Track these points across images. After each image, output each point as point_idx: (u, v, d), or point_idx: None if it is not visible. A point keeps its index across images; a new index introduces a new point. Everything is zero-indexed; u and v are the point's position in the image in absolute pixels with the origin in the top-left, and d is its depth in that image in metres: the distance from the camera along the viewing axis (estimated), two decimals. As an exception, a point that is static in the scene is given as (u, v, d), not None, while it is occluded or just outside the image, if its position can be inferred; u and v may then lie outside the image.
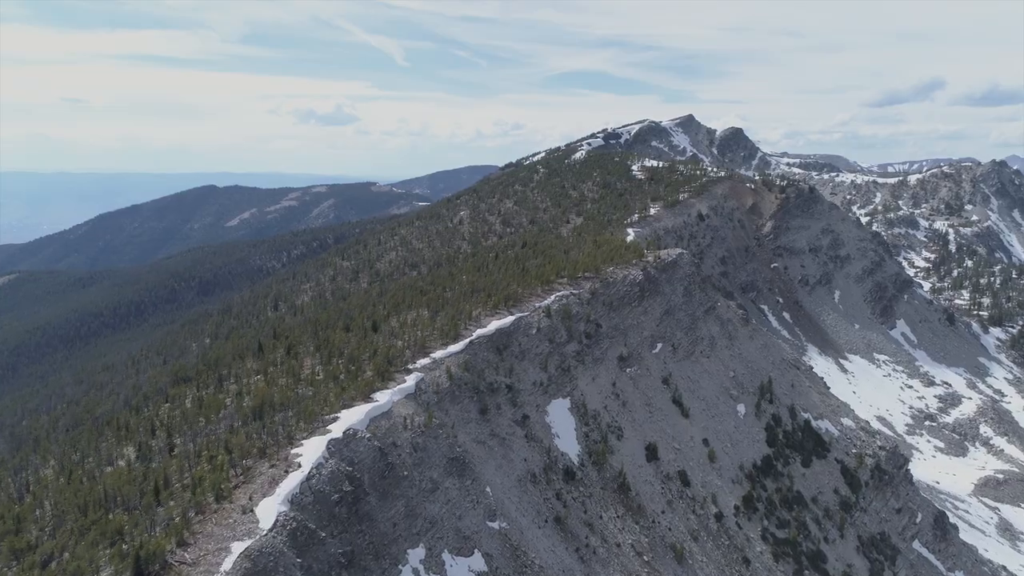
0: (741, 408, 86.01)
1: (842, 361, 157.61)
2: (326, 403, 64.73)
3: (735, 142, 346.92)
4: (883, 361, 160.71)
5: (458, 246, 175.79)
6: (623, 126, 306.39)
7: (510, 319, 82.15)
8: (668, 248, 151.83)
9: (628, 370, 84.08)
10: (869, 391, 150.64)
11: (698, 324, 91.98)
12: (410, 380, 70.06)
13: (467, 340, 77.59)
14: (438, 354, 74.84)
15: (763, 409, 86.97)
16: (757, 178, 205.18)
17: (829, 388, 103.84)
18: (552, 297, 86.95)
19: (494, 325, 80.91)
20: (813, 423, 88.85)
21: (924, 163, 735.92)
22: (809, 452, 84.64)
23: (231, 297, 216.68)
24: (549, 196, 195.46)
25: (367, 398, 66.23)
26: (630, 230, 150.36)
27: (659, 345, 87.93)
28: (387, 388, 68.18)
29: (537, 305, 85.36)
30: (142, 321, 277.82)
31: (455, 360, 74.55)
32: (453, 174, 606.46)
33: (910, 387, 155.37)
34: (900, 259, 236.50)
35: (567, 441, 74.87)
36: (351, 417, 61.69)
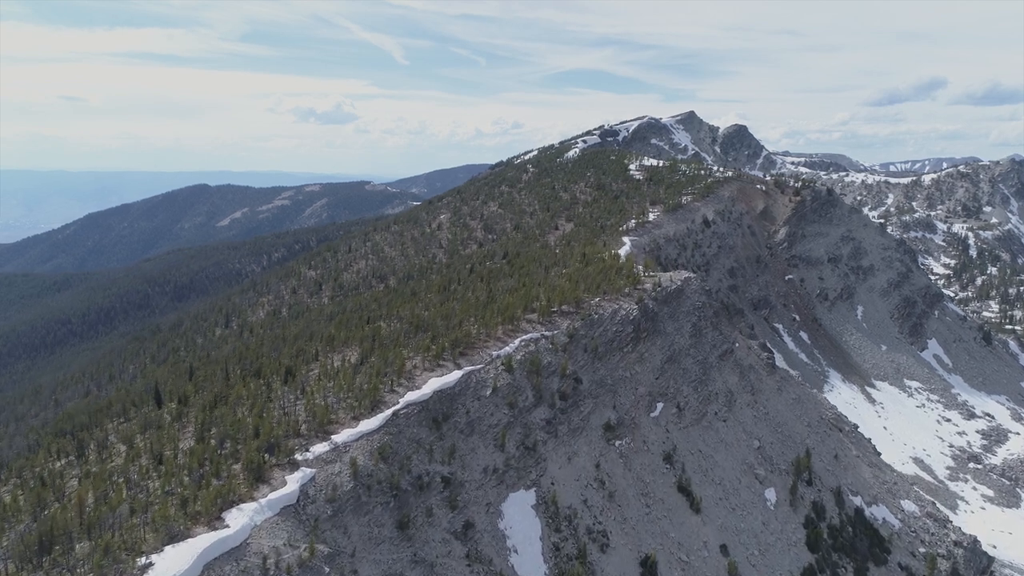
0: (771, 494, 62.22)
1: (869, 389, 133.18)
2: (155, 522, 41.33)
3: (739, 140, 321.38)
4: (915, 389, 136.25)
5: (433, 255, 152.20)
6: (621, 122, 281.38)
7: (455, 375, 58.12)
8: (669, 265, 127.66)
9: (617, 443, 59.98)
10: (901, 426, 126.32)
11: (711, 374, 67.87)
12: (292, 483, 46.13)
13: (390, 411, 53.52)
14: (344, 436, 50.78)
15: (800, 495, 63.08)
16: (768, 178, 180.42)
17: (880, 454, 79.66)
18: (516, 342, 62.84)
19: (432, 385, 56.90)
20: (866, 511, 65.02)
21: (926, 162, 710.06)
22: (864, 556, 60.84)
23: (190, 307, 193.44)
24: (538, 198, 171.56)
25: (215, 520, 42.44)
26: (626, 239, 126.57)
27: (659, 406, 63.83)
28: (253, 499, 44.35)
29: (495, 354, 61.29)
30: (111, 329, 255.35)
31: (367, 444, 50.53)
32: (450, 173, 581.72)
33: (948, 420, 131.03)
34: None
35: (528, 559, 50.87)
36: (173, 564, 37.99)
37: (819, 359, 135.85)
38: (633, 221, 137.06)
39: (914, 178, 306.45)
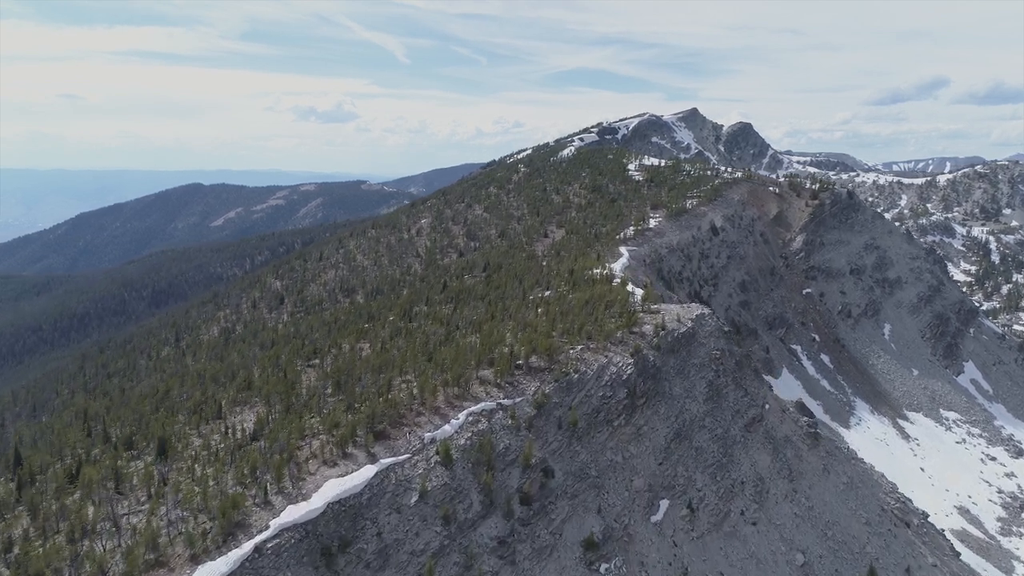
0: (823, 641, 42.94)
1: (901, 423, 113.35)
2: None
3: (743, 138, 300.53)
4: (954, 421, 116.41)
5: (408, 265, 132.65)
6: (620, 120, 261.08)
7: (365, 474, 38.65)
8: (673, 279, 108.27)
9: (604, 568, 40.53)
10: (940, 466, 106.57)
11: (734, 455, 48.43)
12: None
13: (250, 544, 34.07)
14: (164, 597, 31.39)
15: (865, 641, 43.83)
16: (781, 179, 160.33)
17: (959, 555, 60.24)
18: (462, 416, 43.30)
19: (328, 491, 37.48)
20: (957, 658, 45.79)
21: (929, 161, 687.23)
22: None
23: (146, 321, 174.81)
24: (527, 201, 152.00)
25: None
26: (623, 249, 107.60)
27: (663, 505, 44.37)
28: None
29: (428, 436, 41.79)
30: (84, 336, 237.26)
31: (199, 613, 31.14)
32: (449, 172, 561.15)
33: (992, 458, 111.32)
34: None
35: None
36: None
37: (843, 386, 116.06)
38: (632, 228, 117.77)
39: (928, 178, 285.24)
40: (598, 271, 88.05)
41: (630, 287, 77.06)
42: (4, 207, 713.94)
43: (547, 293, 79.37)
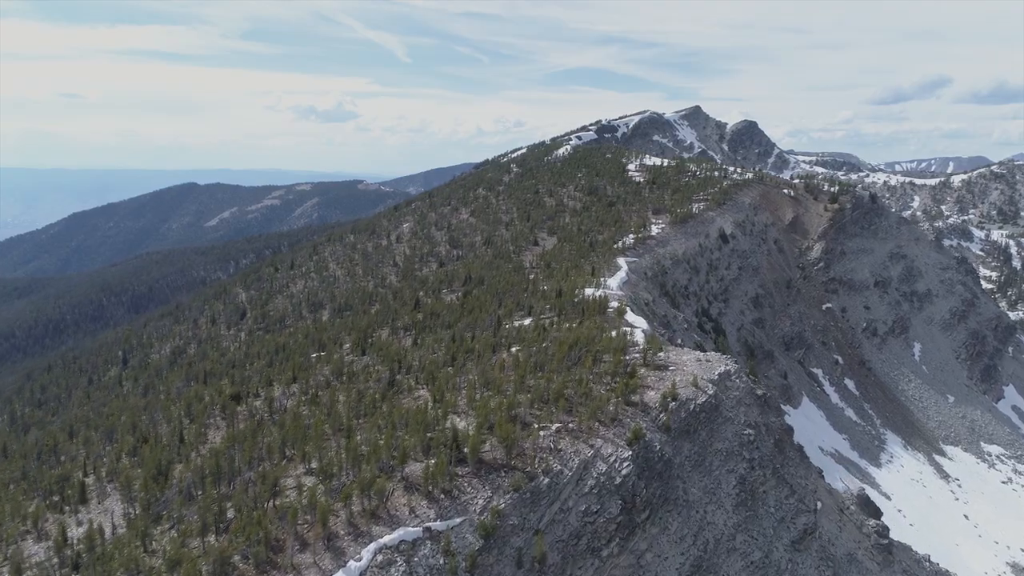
0: None
1: (938, 459, 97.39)
2: None
3: (748, 137, 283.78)
4: (997, 456, 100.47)
5: (383, 276, 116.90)
6: (620, 117, 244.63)
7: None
8: (678, 295, 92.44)
9: None
10: (986, 513, 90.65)
11: (779, 590, 32.72)
12: None
13: None
14: None
15: None
16: (796, 181, 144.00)
17: None
18: (367, 555, 27.41)
19: None
20: None
21: (932, 161, 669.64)
22: None
23: (103, 333, 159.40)
24: (517, 204, 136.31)
25: None
26: (621, 260, 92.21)
27: None
28: None
29: (310, 593, 25.98)
30: (59, 343, 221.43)
31: None
32: (448, 172, 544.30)
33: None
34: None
35: None
36: None
37: (871, 417, 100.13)
38: (631, 236, 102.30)
39: (942, 179, 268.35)
40: (591, 291, 72.57)
41: (629, 316, 61.41)
42: (3, 206, 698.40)
43: (527, 321, 63.84)
